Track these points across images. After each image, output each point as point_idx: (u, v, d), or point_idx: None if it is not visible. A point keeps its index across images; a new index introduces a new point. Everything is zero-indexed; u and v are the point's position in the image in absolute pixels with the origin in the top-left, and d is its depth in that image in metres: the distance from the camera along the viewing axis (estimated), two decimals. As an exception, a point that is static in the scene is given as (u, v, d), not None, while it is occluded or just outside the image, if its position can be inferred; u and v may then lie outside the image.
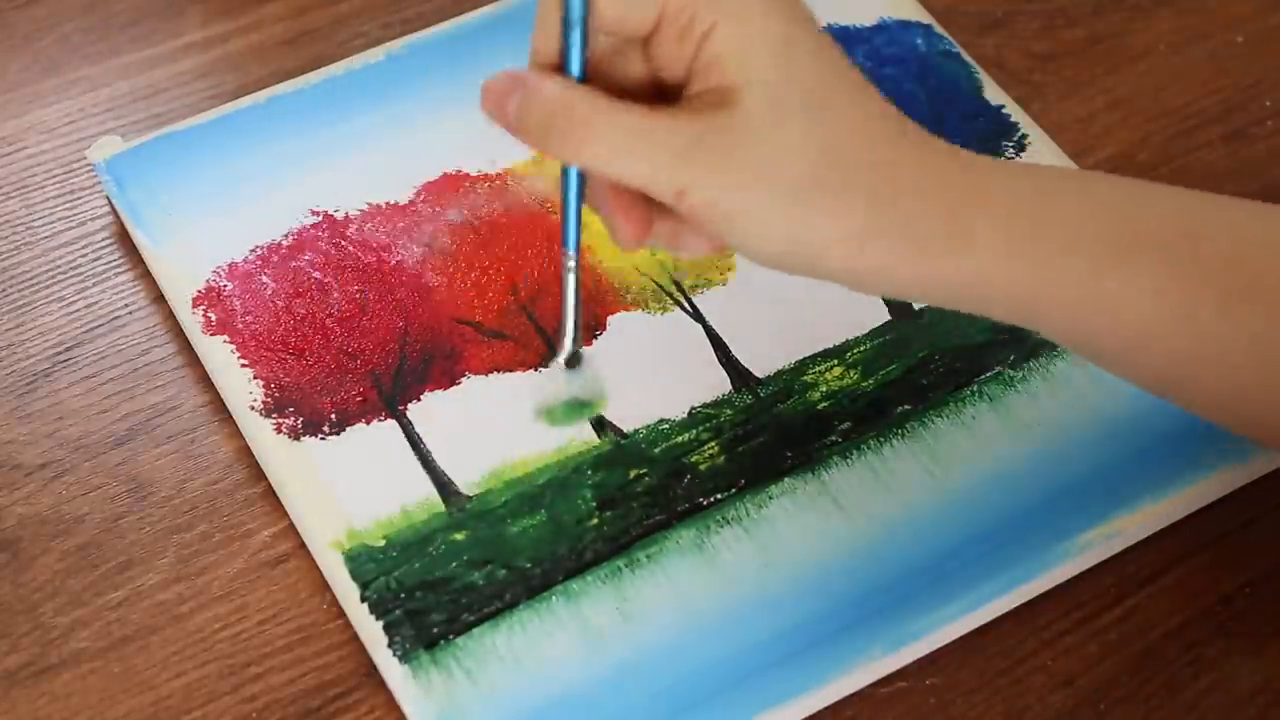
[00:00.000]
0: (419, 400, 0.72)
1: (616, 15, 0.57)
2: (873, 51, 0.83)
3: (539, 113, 0.57)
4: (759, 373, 0.73)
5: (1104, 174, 0.64)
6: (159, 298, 0.76)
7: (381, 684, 0.66)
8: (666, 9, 0.57)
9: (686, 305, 0.75)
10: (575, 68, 0.57)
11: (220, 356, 0.73)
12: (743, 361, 0.74)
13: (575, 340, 0.64)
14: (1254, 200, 0.63)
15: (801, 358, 0.74)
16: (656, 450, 0.71)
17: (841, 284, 0.60)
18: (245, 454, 0.72)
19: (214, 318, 0.73)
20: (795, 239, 0.58)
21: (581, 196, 0.60)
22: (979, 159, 0.60)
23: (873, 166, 0.58)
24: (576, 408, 0.66)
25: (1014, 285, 0.60)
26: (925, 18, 0.85)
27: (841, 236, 0.58)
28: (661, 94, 0.59)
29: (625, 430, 0.72)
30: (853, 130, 0.58)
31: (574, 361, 0.64)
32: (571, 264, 0.61)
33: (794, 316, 0.75)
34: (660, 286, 0.76)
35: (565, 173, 0.60)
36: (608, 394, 0.66)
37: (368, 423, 0.71)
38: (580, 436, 0.71)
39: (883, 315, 0.75)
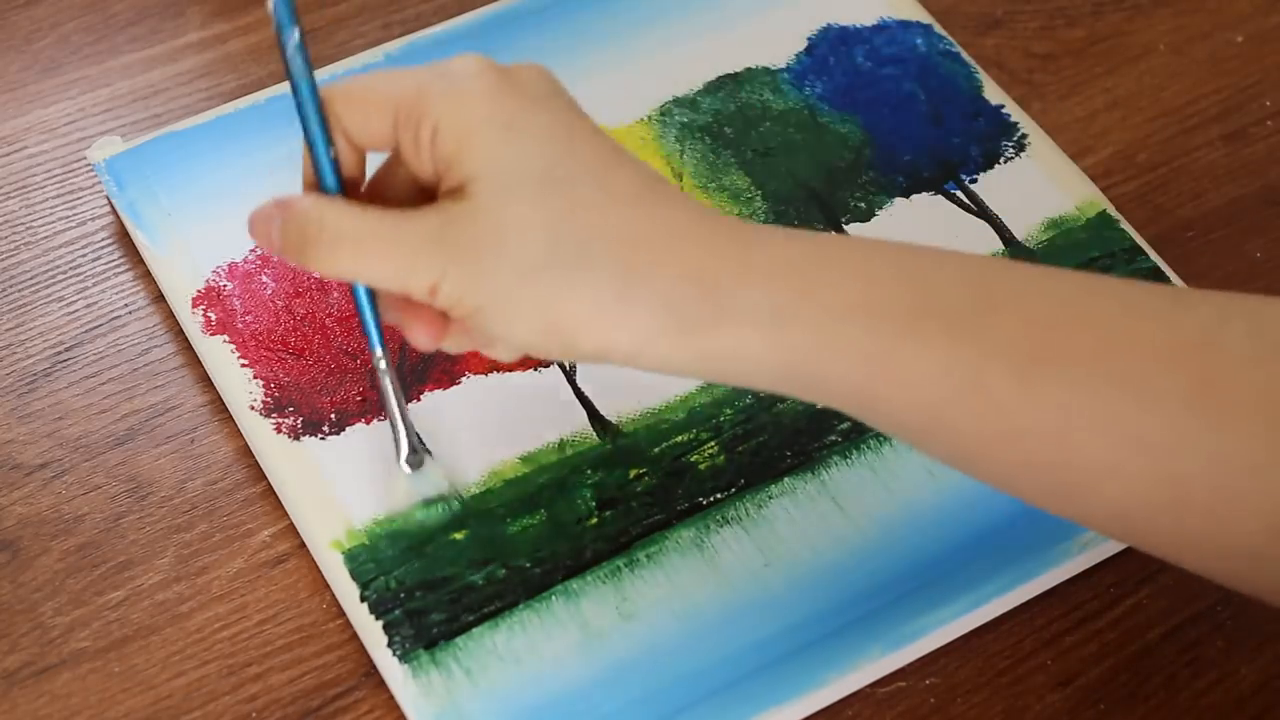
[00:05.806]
0: (419, 400, 0.72)
1: (355, 127, 0.59)
2: (873, 51, 0.83)
3: (294, 230, 0.58)
4: (759, 373, 0.73)
5: (893, 242, 0.58)
6: (159, 298, 0.76)
7: (381, 684, 0.66)
8: (398, 115, 0.57)
9: (686, 305, 0.75)
10: (329, 182, 0.59)
11: (220, 356, 0.73)
12: (742, 361, 0.74)
13: (409, 441, 0.66)
14: (1050, 265, 0.58)
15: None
16: (656, 450, 0.71)
17: (606, 363, 0.57)
18: (245, 454, 0.72)
19: (214, 318, 0.73)
20: (546, 320, 0.56)
21: (372, 301, 0.62)
22: (749, 226, 0.57)
23: (613, 239, 0.56)
24: (433, 504, 0.68)
25: (788, 356, 0.56)
26: (925, 18, 0.85)
27: (590, 314, 0.55)
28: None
29: (625, 430, 0.72)
30: (588, 205, 0.56)
31: (416, 463, 0.67)
32: (383, 365, 0.63)
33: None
34: (660, 286, 0.75)
35: (354, 285, 0.62)
36: (464, 481, 0.68)
37: (368, 423, 0.71)
38: (577, 431, 0.71)
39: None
